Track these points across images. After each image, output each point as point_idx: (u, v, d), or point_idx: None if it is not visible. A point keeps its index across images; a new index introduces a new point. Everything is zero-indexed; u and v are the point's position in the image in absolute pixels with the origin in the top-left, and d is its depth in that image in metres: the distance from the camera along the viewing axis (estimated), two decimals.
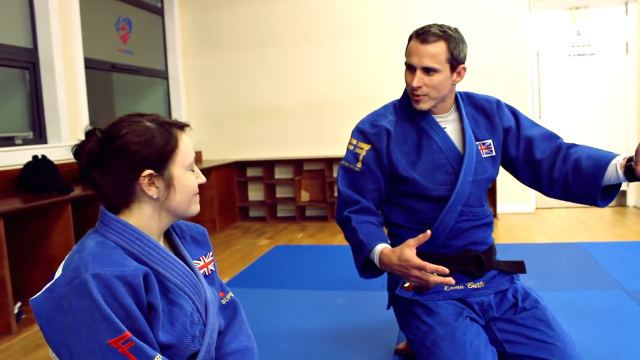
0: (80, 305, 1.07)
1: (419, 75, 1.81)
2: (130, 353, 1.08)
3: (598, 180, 1.78)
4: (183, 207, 1.26)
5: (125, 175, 1.20)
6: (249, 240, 4.98)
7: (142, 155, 1.19)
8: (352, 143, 1.96)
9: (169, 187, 1.23)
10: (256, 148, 6.15)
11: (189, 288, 1.26)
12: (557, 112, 5.68)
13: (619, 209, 5.55)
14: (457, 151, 1.91)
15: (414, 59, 1.82)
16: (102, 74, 5.18)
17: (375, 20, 5.76)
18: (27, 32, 4.08)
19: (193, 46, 6.24)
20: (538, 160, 1.93)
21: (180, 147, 1.24)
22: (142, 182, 1.20)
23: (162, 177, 1.22)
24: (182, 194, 1.25)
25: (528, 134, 1.97)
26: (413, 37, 1.85)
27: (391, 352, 2.33)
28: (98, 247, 1.15)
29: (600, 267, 3.43)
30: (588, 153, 1.84)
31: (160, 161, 1.21)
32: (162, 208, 1.24)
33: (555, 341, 1.73)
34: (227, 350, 1.38)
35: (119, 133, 1.20)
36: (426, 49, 1.79)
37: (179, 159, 1.24)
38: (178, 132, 1.25)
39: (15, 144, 3.93)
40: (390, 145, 1.91)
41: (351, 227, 1.85)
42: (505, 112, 2.03)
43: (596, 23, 5.53)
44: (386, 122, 1.93)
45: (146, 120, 1.23)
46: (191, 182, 1.26)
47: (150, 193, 1.22)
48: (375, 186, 1.93)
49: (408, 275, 1.64)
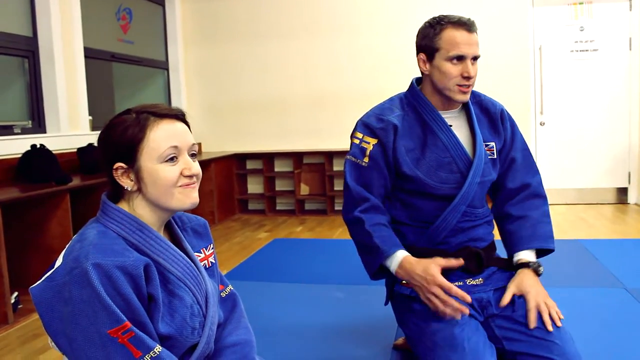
0: (81, 294, 1.06)
1: (472, 65, 1.80)
2: (130, 343, 1.08)
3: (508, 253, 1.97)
4: (163, 200, 1.20)
5: (105, 167, 1.22)
6: (247, 233, 4.97)
7: (112, 148, 1.20)
8: (358, 137, 1.92)
9: (139, 179, 1.20)
10: (256, 140, 6.13)
11: (190, 280, 1.25)
12: (559, 108, 5.65)
13: (619, 206, 5.53)
14: (463, 150, 1.88)
15: (466, 49, 1.79)
16: (102, 63, 5.16)
17: (377, 12, 5.73)
18: (27, 20, 4.06)
19: (194, 37, 6.21)
20: (504, 185, 2.00)
21: (149, 137, 1.18)
22: (115, 174, 1.20)
23: (132, 170, 1.20)
24: (155, 187, 1.19)
25: (514, 156, 1.99)
26: (450, 27, 1.80)
27: (390, 348, 2.32)
28: (99, 237, 1.14)
29: (600, 264, 3.42)
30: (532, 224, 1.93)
31: (128, 153, 1.19)
32: (147, 201, 1.22)
33: (554, 338, 1.72)
34: (225, 343, 1.37)
35: (106, 125, 1.23)
36: (474, 38, 1.80)
37: (147, 150, 1.18)
38: (154, 121, 1.19)
39: (14, 132, 3.91)
40: (396, 141, 1.87)
41: (365, 230, 1.83)
42: (507, 123, 2.01)
43: (600, 18, 5.50)
44: (393, 117, 1.89)
45: (134, 111, 1.22)
46: (165, 174, 1.18)
47: (125, 185, 1.20)
48: (382, 182, 1.90)
49: (426, 290, 1.68)
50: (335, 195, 5.88)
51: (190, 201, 1.22)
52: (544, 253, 1.97)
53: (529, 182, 1.97)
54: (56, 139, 4.06)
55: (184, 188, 1.21)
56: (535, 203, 1.96)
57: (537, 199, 1.97)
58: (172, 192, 1.20)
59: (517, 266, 1.89)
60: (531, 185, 1.97)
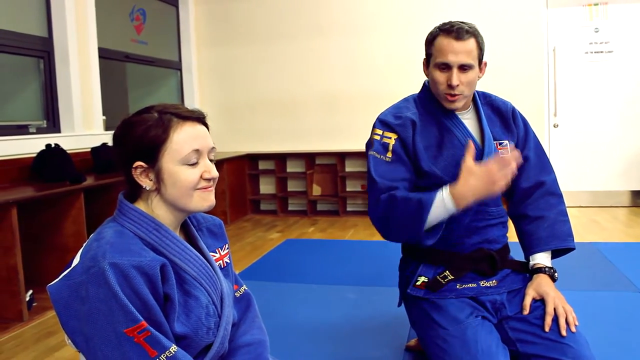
0: (98, 293, 1.07)
1: (457, 74, 1.79)
2: (146, 343, 1.08)
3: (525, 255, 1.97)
4: (182, 202, 1.21)
5: (123, 166, 1.22)
6: (259, 233, 4.98)
7: (132, 147, 1.19)
8: (378, 133, 1.89)
9: (159, 180, 1.20)
10: (269, 141, 6.14)
11: (205, 280, 1.25)
12: (572, 110, 5.61)
13: (634, 210, 5.48)
14: (480, 148, 1.88)
15: (451, 57, 1.78)
16: (116, 64, 5.19)
17: (392, 15, 5.72)
18: (42, 21, 4.09)
19: (207, 38, 6.24)
20: (518, 185, 1.97)
21: (172, 139, 1.18)
22: (134, 173, 1.20)
23: (153, 170, 1.20)
24: (175, 188, 1.20)
25: (527, 154, 1.98)
26: (441, 34, 1.81)
27: (402, 349, 2.31)
28: (116, 236, 1.15)
29: (614, 267, 3.39)
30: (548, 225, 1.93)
31: (149, 153, 1.19)
32: (164, 201, 1.23)
33: (568, 341, 1.71)
34: (239, 343, 1.37)
35: (125, 122, 1.22)
36: (462, 46, 1.77)
37: (170, 152, 1.18)
38: (177, 123, 1.20)
39: (29, 132, 3.94)
40: (415, 137, 1.86)
41: (397, 200, 1.75)
42: (519, 121, 2.02)
43: (615, 20, 5.45)
44: (411, 114, 1.90)
45: (155, 111, 1.22)
46: (185, 176, 1.19)
47: (144, 185, 1.21)
48: (407, 175, 1.86)
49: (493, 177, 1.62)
50: (347, 197, 5.87)
51: (208, 204, 1.23)
52: (563, 252, 1.95)
53: (543, 180, 1.96)
54: (70, 138, 4.10)
55: (203, 191, 1.22)
56: (551, 201, 1.95)
57: (553, 197, 1.96)
58: (191, 194, 1.21)
59: (533, 271, 1.88)
60: (546, 183, 1.96)
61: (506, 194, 2.02)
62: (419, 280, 1.89)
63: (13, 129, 3.86)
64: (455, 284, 1.86)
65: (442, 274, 1.86)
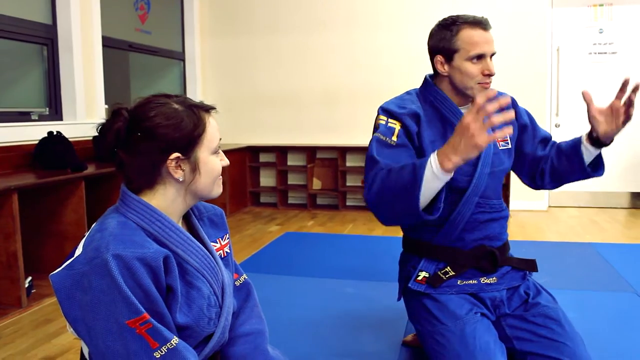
0: (100, 284, 1.08)
1: (492, 63, 1.81)
2: (148, 334, 1.09)
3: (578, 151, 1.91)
4: (207, 190, 1.28)
5: (153, 158, 1.20)
6: (259, 226, 4.99)
7: (170, 139, 1.19)
8: (382, 119, 1.85)
9: (194, 170, 1.24)
10: (270, 133, 6.15)
11: (207, 271, 1.26)
12: (575, 110, 5.60)
13: (633, 211, 5.49)
14: None
15: (485, 47, 1.79)
16: (119, 53, 5.19)
17: (395, 10, 5.71)
18: (46, 8, 4.09)
19: (211, 29, 6.23)
20: (539, 157, 2.02)
21: (207, 130, 1.24)
22: (170, 165, 1.21)
23: (188, 161, 1.22)
24: (207, 177, 1.26)
25: (542, 135, 2.06)
26: (466, 27, 1.80)
27: (399, 344, 2.32)
28: (119, 227, 1.15)
29: (612, 268, 3.40)
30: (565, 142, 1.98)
31: (188, 145, 1.22)
32: (187, 190, 1.26)
33: (565, 340, 1.72)
34: (239, 332, 1.38)
35: (148, 114, 1.20)
36: (490, 36, 1.82)
37: (206, 143, 1.24)
38: (205, 115, 1.26)
39: (31, 119, 3.95)
40: (420, 131, 1.84)
41: (397, 168, 1.67)
42: (520, 109, 2.05)
43: (620, 21, 5.44)
44: (415, 107, 1.88)
45: (174, 102, 1.23)
46: (216, 165, 1.27)
47: (177, 176, 1.22)
48: (411, 161, 1.73)
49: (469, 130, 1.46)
50: (347, 191, 5.88)
51: (220, 190, 1.32)
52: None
53: (553, 142, 2.04)
54: (72, 126, 4.10)
55: (220, 178, 1.31)
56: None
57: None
58: (215, 181, 1.29)
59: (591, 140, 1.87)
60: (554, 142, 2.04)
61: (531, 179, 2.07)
62: (420, 275, 1.89)
63: (15, 116, 3.86)
64: (456, 280, 1.86)
65: (444, 269, 1.87)
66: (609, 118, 1.78)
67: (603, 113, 1.79)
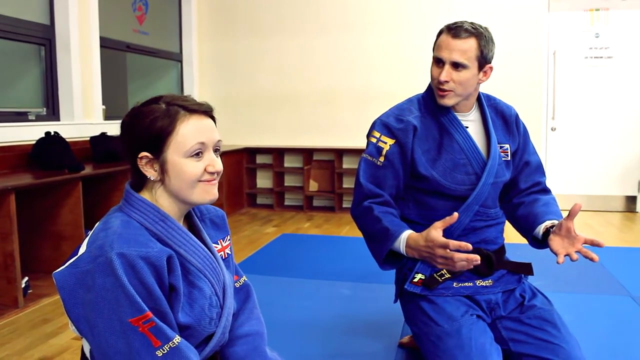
0: (104, 283, 1.09)
1: (447, 70, 1.80)
2: (150, 333, 1.10)
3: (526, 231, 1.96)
4: (185, 193, 1.22)
5: (129, 156, 1.23)
6: (255, 227, 4.99)
7: (139, 137, 1.20)
8: (375, 136, 1.92)
9: (163, 171, 1.21)
10: (267, 135, 6.15)
11: (209, 271, 1.27)
12: (570, 114, 5.64)
13: (628, 215, 5.52)
14: (479, 152, 1.90)
15: (444, 53, 1.80)
16: (117, 54, 5.19)
17: (394, 13, 5.72)
18: (44, 8, 4.09)
19: (209, 30, 6.23)
20: (517, 185, 2.05)
21: (178, 131, 1.19)
22: (139, 163, 1.21)
23: (157, 161, 1.21)
24: (178, 180, 1.20)
25: (528, 159, 2.05)
26: (444, 31, 1.84)
27: (395, 346, 2.33)
28: (123, 226, 1.16)
29: (607, 272, 3.41)
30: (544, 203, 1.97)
31: (155, 144, 1.20)
32: (167, 191, 1.23)
33: (560, 342, 1.73)
34: (238, 334, 1.39)
35: (133, 111, 1.24)
36: (457, 44, 1.78)
37: (175, 144, 1.19)
38: (184, 115, 1.21)
39: (28, 119, 3.94)
40: (414, 142, 1.89)
41: (374, 215, 1.84)
42: (521, 127, 2.06)
43: (616, 25, 5.47)
44: (412, 118, 1.91)
45: (163, 101, 1.23)
46: (189, 169, 1.19)
47: (148, 175, 1.22)
48: (395, 182, 1.92)
49: (434, 257, 1.67)
50: (343, 193, 5.89)
51: (210, 197, 1.24)
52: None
53: (539, 181, 2.05)
54: (70, 127, 4.10)
55: (206, 184, 1.22)
56: (545, 195, 2.03)
57: (547, 193, 2.05)
58: (194, 186, 1.21)
59: (545, 233, 1.86)
60: (541, 182, 2.06)
61: (502, 193, 2.06)
62: (416, 277, 1.91)
63: (12, 116, 3.86)
64: (452, 282, 1.88)
65: (439, 271, 1.88)
66: (566, 241, 1.84)
67: (565, 235, 1.82)
